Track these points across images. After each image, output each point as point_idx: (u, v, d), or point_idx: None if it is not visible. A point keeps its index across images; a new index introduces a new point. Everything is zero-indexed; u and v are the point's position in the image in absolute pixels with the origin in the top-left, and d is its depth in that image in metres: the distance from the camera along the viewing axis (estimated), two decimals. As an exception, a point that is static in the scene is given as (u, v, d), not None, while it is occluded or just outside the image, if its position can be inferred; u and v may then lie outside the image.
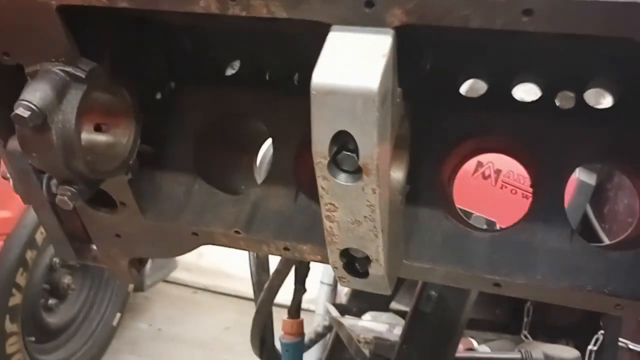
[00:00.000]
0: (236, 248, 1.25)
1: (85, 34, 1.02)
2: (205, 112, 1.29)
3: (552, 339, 3.15)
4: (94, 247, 1.43)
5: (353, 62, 0.77)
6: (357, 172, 0.83)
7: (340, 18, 0.80)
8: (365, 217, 0.88)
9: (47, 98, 0.97)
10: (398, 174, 1.03)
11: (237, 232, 1.20)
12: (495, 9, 0.74)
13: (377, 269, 0.97)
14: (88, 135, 1.13)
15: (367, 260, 0.96)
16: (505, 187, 2.30)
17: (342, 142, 0.81)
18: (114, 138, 1.15)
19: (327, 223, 0.91)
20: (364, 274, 0.99)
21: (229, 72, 1.33)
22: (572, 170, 1.16)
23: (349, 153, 0.81)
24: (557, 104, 1.13)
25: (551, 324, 3.34)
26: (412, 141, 1.08)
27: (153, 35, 1.22)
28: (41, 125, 0.96)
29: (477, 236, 1.14)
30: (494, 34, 1.02)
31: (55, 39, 0.98)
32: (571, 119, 1.11)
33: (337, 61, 0.78)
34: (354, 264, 1.00)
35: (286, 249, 1.19)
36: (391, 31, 0.79)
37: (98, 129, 1.15)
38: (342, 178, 0.84)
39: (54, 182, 1.14)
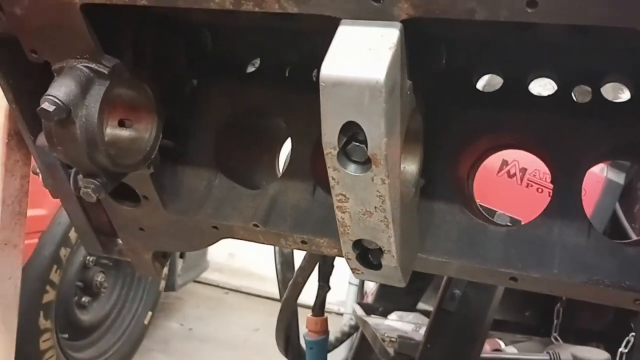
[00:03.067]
0: (255, 242, 1.27)
1: (108, 31, 1.05)
2: (226, 109, 1.32)
3: (583, 341, 3.10)
4: (120, 240, 1.47)
5: (361, 55, 0.79)
6: (366, 162, 0.84)
7: (349, 12, 0.82)
8: (375, 207, 0.89)
9: (71, 93, 1.01)
10: (411, 167, 1.04)
11: (255, 225, 1.23)
12: (499, 1, 0.75)
13: (390, 261, 0.98)
14: (112, 130, 1.17)
15: (379, 251, 0.97)
16: (531, 185, 2.28)
17: (352, 133, 0.82)
18: (136, 133, 1.19)
19: (339, 214, 0.93)
20: (377, 266, 1.00)
21: (250, 69, 1.35)
22: (591, 166, 1.15)
23: (358, 144, 0.83)
24: (574, 98, 1.13)
25: (582, 326, 3.29)
26: (427, 135, 1.09)
27: (175, 33, 1.25)
28: (66, 119, 1.00)
29: (493, 230, 1.14)
30: (508, 28, 1.03)
31: (79, 37, 1.02)
32: (588, 114, 1.11)
33: (346, 54, 0.79)
34: (367, 255, 1.01)
35: (304, 242, 1.21)
36: (399, 24, 0.81)
37: (122, 124, 1.19)
38: (352, 168, 0.85)
39: (80, 176, 1.18)
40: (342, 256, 1.06)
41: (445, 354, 2.16)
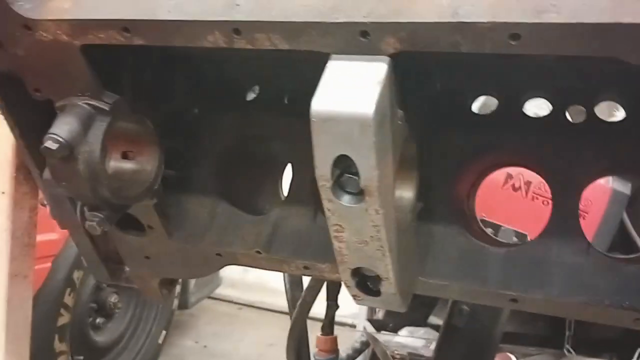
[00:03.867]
0: (258, 267, 1.29)
1: (108, 67, 1.08)
2: (227, 136, 1.34)
3: (595, 353, 3.07)
4: (127, 268, 1.49)
5: (350, 90, 0.81)
6: (360, 193, 0.86)
7: (338, 48, 0.84)
8: (371, 237, 0.90)
9: (73, 131, 1.04)
10: (407, 193, 1.05)
11: (258, 252, 1.24)
12: (483, 35, 0.77)
13: (388, 287, 0.99)
14: (115, 163, 1.19)
15: (378, 278, 0.99)
16: (537, 198, 2.28)
17: (344, 165, 0.84)
18: (139, 165, 1.21)
19: (336, 243, 0.94)
20: (377, 292, 1.02)
21: (250, 96, 1.38)
22: (587, 185, 1.15)
23: (351, 175, 0.84)
24: (568, 118, 1.14)
25: (594, 338, 3.26)
26: (423, 160, 1.10)
27: (174, 65, 1.28)
28: (68, 156, 1.03)
29: (493, 252, 1.15)
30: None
31: (80, 76, 1.05)
32: (583, 133, 1.12)
33: (335, 89, 0.81)
34: (366, 282, 1.02)
35: (306, 267, 1.22)
36: (387, 58, 0.82)
37: (125, 156, 1.22)
38: (346, 200, 0.87)
39: (86, 209, 1.20)
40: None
41: (455, 370, 2.16)
